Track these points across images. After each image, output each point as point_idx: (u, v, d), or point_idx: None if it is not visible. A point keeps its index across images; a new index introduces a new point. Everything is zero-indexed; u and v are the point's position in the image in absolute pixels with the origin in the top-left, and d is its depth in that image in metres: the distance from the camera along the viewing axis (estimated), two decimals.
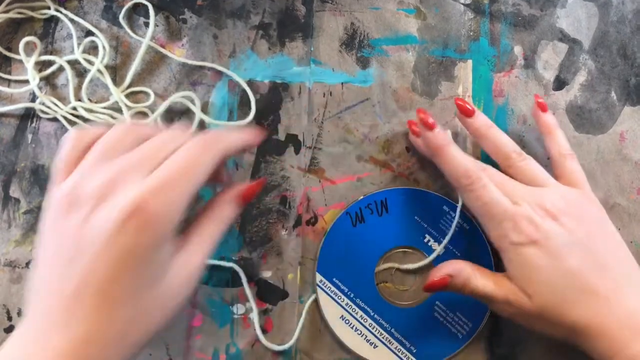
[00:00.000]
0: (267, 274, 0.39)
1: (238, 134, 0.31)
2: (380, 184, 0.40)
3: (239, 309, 0.38)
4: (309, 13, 0.42)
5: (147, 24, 0.42)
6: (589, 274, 0.32)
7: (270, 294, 0.38)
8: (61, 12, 0.42)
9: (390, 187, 0.39)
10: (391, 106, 0.41)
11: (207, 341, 0.38)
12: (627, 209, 0.39)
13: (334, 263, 0.38)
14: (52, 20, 0.42)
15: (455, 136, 0.40)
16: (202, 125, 0.40)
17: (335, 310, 0.38)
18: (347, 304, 0.38)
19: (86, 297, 0.24)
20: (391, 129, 0.40)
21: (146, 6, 0.42)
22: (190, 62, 0.41)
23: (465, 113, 0.37)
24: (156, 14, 0.42)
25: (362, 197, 0.39)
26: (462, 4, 0.42)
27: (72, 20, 0.42)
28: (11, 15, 0.42)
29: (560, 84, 0.41)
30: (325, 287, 0.38)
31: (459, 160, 0.34)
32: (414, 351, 0.37)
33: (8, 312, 0.38)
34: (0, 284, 0.39)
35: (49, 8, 0.42)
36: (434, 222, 0.39)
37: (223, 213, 0.31)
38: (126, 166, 0.26)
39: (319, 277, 0.38)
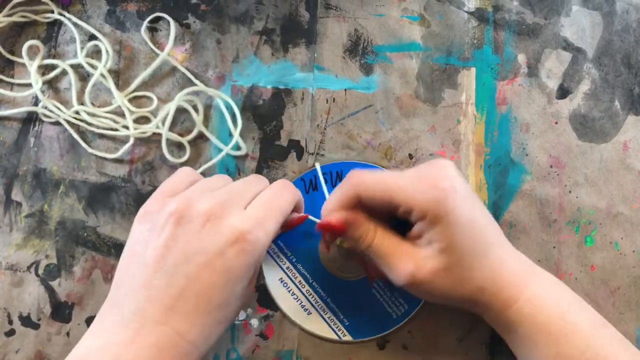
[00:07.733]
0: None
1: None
2: None
3: (239, 315, 0.38)
4: (312, 19, 0.42)
5: (151, 29, 0.42)
6: (492, 227, 0.33)
7: (271, 300, 0.38)
8: (64, 16, 0.42)
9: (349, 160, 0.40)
10: (394, 113, 0.41)
11: None
12: (629, 218, 0.39)
13: None
14: (56, 24, 0.42)
15: (459, 144, 0.40)
16: (201, 136, 0.40)
17: (276, 272, 0.38)
18: (287, 268, 0.38)
19: (190, 299, 0.28)
20: (394, 135, 0.40)
21: (150, 10, 0.42)
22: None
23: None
24: (159, 19, 0.42)
25: (319, 165, 0.39)
26: (466, 11, 0.42)
27: (75, 24, 0.42)
28: (15, 18, 0.42)
29: (563, 92, 0.41)
30: (269, 248, 0.38)
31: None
32: (346, 323, 0.37)
33: (9, 316, 0.38)
34: (1, 287, 0.39)
35: (52, 12, 0.42)
36: None
37: None
38: (227, 198, 0.31)
39: None
